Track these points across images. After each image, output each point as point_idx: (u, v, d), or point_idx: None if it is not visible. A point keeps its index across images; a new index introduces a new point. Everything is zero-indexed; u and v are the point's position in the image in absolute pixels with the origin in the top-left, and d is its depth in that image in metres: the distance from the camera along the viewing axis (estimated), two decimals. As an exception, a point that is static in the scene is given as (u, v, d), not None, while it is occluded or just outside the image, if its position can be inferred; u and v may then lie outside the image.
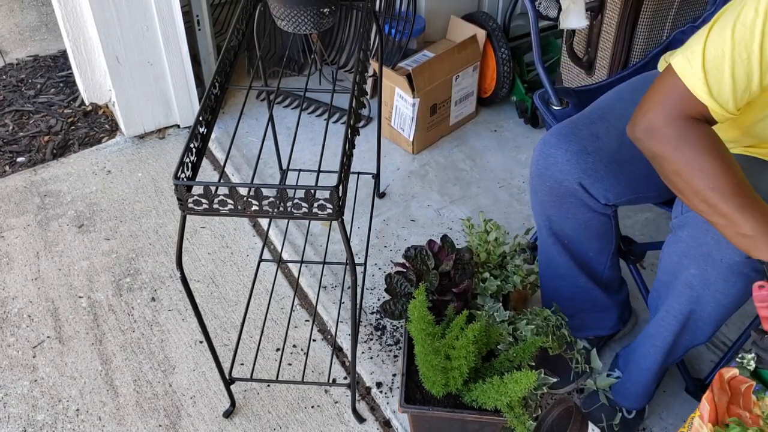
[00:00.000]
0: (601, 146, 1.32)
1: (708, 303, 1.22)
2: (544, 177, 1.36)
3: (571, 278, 1.51)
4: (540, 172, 1.37)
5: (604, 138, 1.33)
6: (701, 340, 1.32)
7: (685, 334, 1.31)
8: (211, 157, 2.30)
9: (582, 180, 1.32)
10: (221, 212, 1.14)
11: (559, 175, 1.33)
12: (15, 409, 1.60)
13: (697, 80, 1.06)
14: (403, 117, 2.23)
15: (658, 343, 1.35)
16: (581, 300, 1.56)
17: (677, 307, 1.27)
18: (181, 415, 1.59)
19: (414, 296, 1.35)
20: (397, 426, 1.55)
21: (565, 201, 1.37)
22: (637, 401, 1.49)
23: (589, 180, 1.31)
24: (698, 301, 1.23)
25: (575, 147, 1.31)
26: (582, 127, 1.34)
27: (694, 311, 1.25)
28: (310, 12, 1.35)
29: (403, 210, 2.08)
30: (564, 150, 1.32)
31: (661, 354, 1.36)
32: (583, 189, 1.33)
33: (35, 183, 2.19)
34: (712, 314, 1.24)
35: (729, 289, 1.19)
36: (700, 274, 1.19)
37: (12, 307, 1.82)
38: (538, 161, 1.36)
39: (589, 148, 1.31)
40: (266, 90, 2.11)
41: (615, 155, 1.31)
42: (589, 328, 1.62)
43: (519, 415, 1.28)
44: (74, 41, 2.28)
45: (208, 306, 1.82)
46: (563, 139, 1.33)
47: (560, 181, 1.34)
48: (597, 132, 1.33)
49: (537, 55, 1.55)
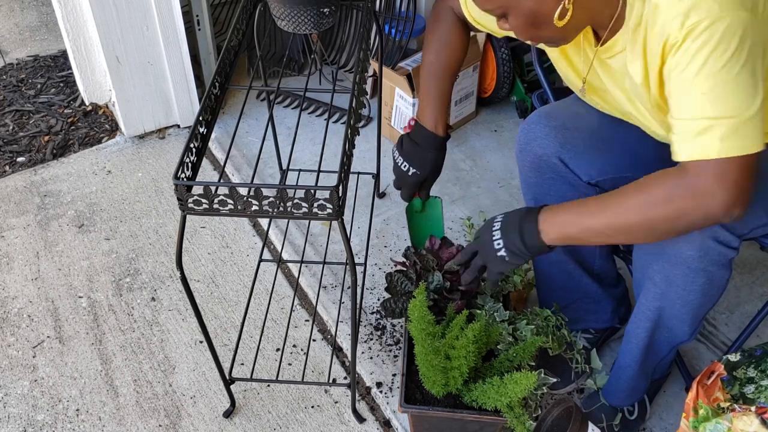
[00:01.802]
0: (582, 124, 1.35)
1: (674, 300, 1.23)
2: (526, 152, 1.41)
3: (560, 263, 1.53)
4: (522, 147, 1.42)
5: (586, 116, 1.36)
6: (683, 338, 1.33)
7: (660, 332, 1.32)
8: (211, 157, 2.30)
9: (561, 154, 1.36)
10: (221, 212, 1.14)
11: (539, 149, 1.38)
12: (15, 409, 1.60)
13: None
14: (403, 117, 2.23)
15: (633, 341, 1.37)
16: (572, 289, 1.57)
17: (646, 304, 1.29)
18: (181, 415, 1.59)
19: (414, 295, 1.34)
20: (397, 426, 1.55)
21: (547, 177, 1.41)
22: (623, 398, 1.49)
23: (568, 154, 1.35)
24: (664, 298, 1.24)
25: (554, 123, 1.36)
26: (564, 107, 1.40)
27: (662, 308, 1.26)
28: (310, 12, 1.35)
29: (403, 210, 2.08)
30: (543, 125, 1.37)
31: (638, 351, 1.37)
32: (562, 164, 1.37)
33: (35, 183, 2.19)
34: (682, 311, 1.25)
35: (689, 284, 1.20)
36: (661, 270, 1.21)
37: (12, 307, 1.82)
38: (520, 137, 1.42)
39: (569, 124, 1.35)
40: (266, 90, 2.11)
41: (596, 132, 1.35)
42: (584, 320, 1.63)
43: (519, 415, 1.28)
44: (74, 41, 2.29)
45: (208, 306, 1.82)
46: (544, 116, 1.39)
47: (540, 156, 1.38)
48: (578, 111, 1.37)
49: (535, 56, 1.56)
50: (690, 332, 1.31)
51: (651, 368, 1.42)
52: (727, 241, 1.14)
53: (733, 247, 1.15)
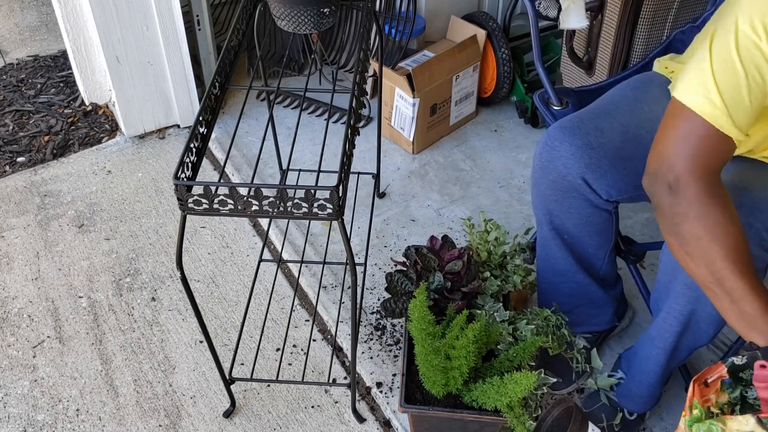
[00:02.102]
0: (605, 141, 1.31)
1: (707, 303, 1.22)
2: (547, 170, 1.35)
3: (570, 274, 1.51)
4: (543, 165, 1.36)
5: (608, 133, 1.32)
6: (703, 342, 1.31)
7: (686, 336, 1.30)
8: (211, 157, 2.30)
9: (585, 175, 1.31)
10: (221, 212, 1.14)
11: (563, 169, 1.32)
12: (15, 409, 1.60)
13: (723, 116, 1.01)
14: (403, 117, 2.23)
15: (660, 345, 1.34)
16: (578, 296, 1.56)
17: (677, 308, 1.26)
18: (181, 415, 1.59)
19: (415, 295, 1.35)
20: (397, 426, 1.55)
21: (568, 196, 1.36)
22: (643, 404, 1.48)
23: (592, 175, 1.31)
24: (698, 301, 1.23)
25: (579, 141, 1.30)
26: (587, 122, 1.34)
27: (694, 311, 1.25)
28: (310, 12, 1.35)
29: (403, 210, 2.08)
30: (569, 144, 1.31)
31: (663, 356, 1.35)
32: (585, 184, 1.32)
33: (35, 183, 2.19)
34: (712, 314, 1.24)
35: None
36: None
37: (12, 307, 1.82)
38: (542, 154, 1.35)
39: (594, 143, 1.30)
40: (266, 90, 2.11)
41: (618, 151, 1.31)
42: (586, 323, 1.63)
43: (519, 415, 1.28)
44: (74, 41, 2.28)
45: (208, 306, 1.82)
46: (568, 133, 1.32)
47: (563, 175, 1.33)
48: (601, 127, 1.33)
49: (537, 55, 1.55)
50: (713, 335, 1.29)
51: (670, 372, 1.41)
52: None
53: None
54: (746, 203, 1.17)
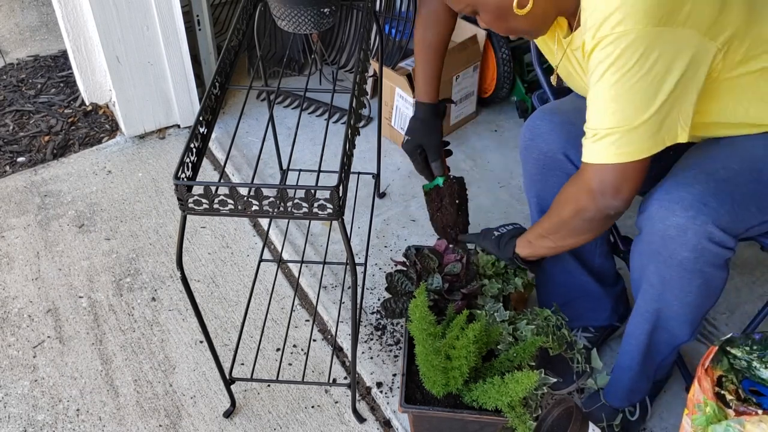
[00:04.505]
0: (585, 119, 1.34)
1: (671, 301, 1.23)
2: (530, 149, 1.43)
3: (560, 261, 1.53)
4: (526, 144, 1.44)
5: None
6: (683, 339, 1.33)
7: (659, 333, 1.32)
8: (211, 157, 2.30)
9: (566, 150, 1.37)
10: (221, 212, 1.14)
11: (544, 145, 1.40)
12: (15, 409, 1.60)
13: (659, 145, 1.09)
14: (403, 117, 2.23)
15: (632, 342, 1.37)
16: (572, 286, 1.58)
17: (644, 306, 1.29)
18: (181, 415, 1.59)
19: (415, 295, 1.35)
20: (398, 426, 1.55)
21: (551, 174, 1.41)
22: (623, 399, 1.49)
23: (573, 150, 1.35)
24: (661, 299, 1.24)
25: (559, 118, 1.39)
26: (566, 102, 1.43)
27: (660, 309, 1.27)
28: (311, 12, 1.35)
29: (403, 210, 2.08)
30: (548, 121, 1.39)
31: (638, 352, 1.37)
32: (567, 159, 1.38)
33: (35, 183, 2.19)
34: (680, 312, 1.25)
35: (686, 286, 1.20)
36: (657, 272, 1.21)
37: (12, 307, 1.82)
38: (525, 134, 1.44)
39: (573, 119, 1.36)
40: (266, 90, 2.11)
41: None
42: (584, 317, 1.64)
43: (521, 414, 1.28)
44: (74, 41, 2.29)
45: (209, 306, 1.82)
46: (548, 112, 1.41)
47: (545, 152, 1.40)
48: (580, 106, 1.36)
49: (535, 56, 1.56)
50: (690, 332, 1.31)
51: (652, 369, 1.42)
52: (722, 242, 1.14)
53: (728, 248, 1.15)
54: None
